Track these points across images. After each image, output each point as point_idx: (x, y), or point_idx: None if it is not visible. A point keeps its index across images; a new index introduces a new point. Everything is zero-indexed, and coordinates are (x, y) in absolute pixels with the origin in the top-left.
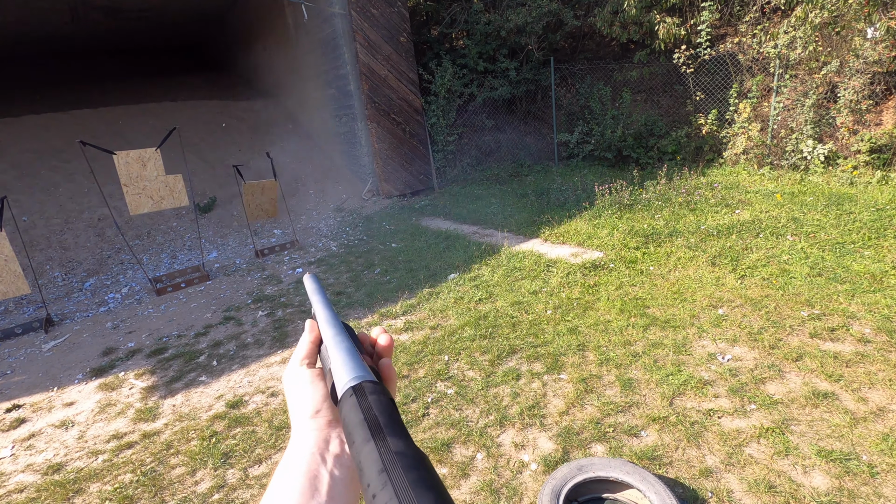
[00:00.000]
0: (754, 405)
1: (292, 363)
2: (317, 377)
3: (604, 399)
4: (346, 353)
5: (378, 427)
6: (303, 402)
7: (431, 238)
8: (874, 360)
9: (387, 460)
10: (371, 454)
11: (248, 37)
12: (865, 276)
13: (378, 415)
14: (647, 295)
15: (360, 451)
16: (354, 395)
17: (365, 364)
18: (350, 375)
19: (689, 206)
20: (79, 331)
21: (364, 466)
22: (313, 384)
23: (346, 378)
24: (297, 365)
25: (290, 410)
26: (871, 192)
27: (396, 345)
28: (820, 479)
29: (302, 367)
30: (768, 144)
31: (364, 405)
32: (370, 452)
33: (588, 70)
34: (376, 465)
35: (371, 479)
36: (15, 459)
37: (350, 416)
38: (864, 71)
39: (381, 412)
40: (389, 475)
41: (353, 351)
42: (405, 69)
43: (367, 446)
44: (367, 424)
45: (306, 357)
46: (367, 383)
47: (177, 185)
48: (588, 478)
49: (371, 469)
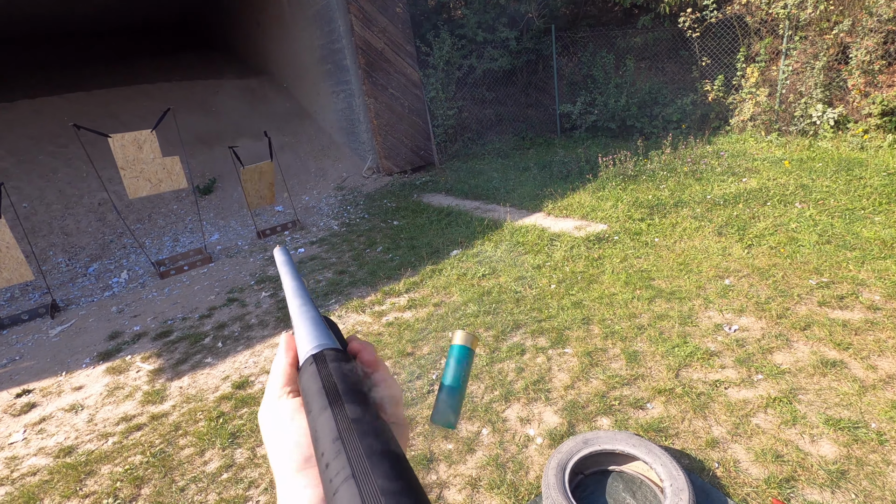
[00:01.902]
0: (761, 375)
1: (268, 396)
2: (300, 410)
3: (609, 372)
4: (310, 322)
5: (336, 394)
6: (286, 449)
7: (433, 214)
8: (884, 327)
9: (342, 428)
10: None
11: (242, 13)
12: (875, 243)
13: (337, 381)
14: (653, 267)
15: (317, 420)
16: (315, 364)
17: (330, 333)
18: (311, 344)
19: (695, 176)
20: (85, 316)
21: (319, 435)
22: (295, 421)
23: (308, 346)
24: (276, 399)
25: (271, 461)
26: (882, 157)
27: (401, 322)
28: (828, 447)
29: (281, 400)
30: (776, 110)
31: (324, 373)
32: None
33: (590, 37)
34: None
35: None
36: (27, 443)
37: (309, 385)
38: (878, 30)
39: (340, 379)
40: (344, 443)
41: (318, 320)
42: (402, 41)
43: (324, 414)
44: (325, 392)
45: (286, 385)
46: (328, 351)
47: (174, 167)
48: (594, 451)
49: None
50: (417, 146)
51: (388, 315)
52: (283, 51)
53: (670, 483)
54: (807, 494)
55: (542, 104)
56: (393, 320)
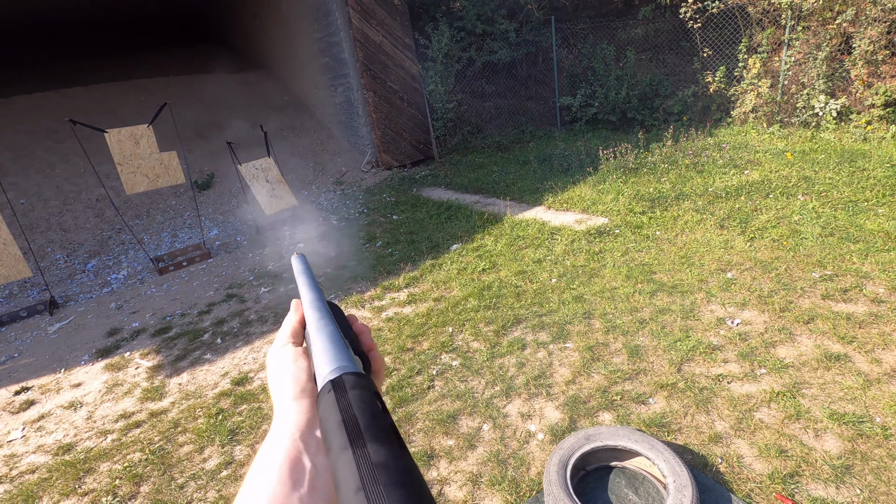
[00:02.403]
0: (764, 369)
1: (276, 343)
2: (301, 355)
3: (611, 367)
4: (327, 340)
5: (357, 430)
6: (285, 382)
7: (433, 209)
8: (888, 320)
9: (365, 475)
10: (347, 466)
11: (239, 6)
12: (879, 235)
13: (358, 414)
14: (654, 260)
15: (337, 462)
16: (333, 392)
17: (349, 352)
18: (330, 367)
19: (697, 168)
20: (83, 312)
21: (340, 482)
22: (297, 363)
23: (326, 369)
24: (282, 344)
25: (272, 392)
26: (885, 148)
27: (400, 318)
28: (832, 442)
29: (286, 346)
30: (778, 101)
31: (343, 403)
32: (346, 463)
33: (590, 29)
34: (353, 481)
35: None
36: (26, 441)
37: (327, 417)
38: (882, 19)
39: (361, 411)
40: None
41: (336, 337)
42: (401, 34)
43: (344, 456)
44: (344, 427)
45: (291, 336)
46: (347, 376)
47: (172, 163)
48: (596, 447)
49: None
50: (417, 140)
51: (388, 310)
52: (280, 44)
53: (673, 479)
54: (811, 490)
55: (542, 97)
56: (392, 315)
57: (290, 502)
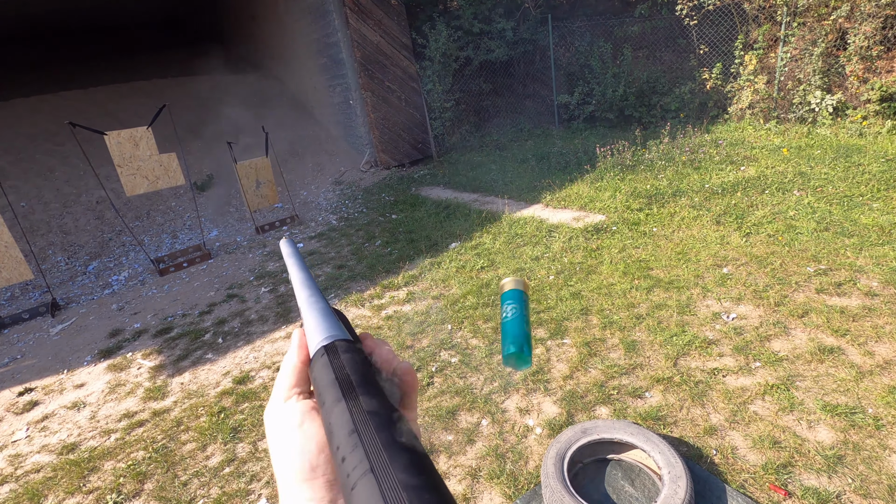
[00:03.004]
0: (759, 363)
1: (274, 398)
2: (310, 416)
3: (608, 362)
4: (319, 314)
5: (350, 386)
6: (291, 456)
7: (431, 208)
8: (881, 313)
9: (358, 420)
10: (342, 415)
11: (237, 7)
12: (874, 229)
13: (351, 373)
14: (651, 256)
15: (331, 413)
16: (326, 355)
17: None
18: (322, 335)
19: (693, 165)
20: (85, 314)
21: (334, 428)
22: (303, 427)
23: (319, 338)
24: (282, 399)
25: (275, 468)
26: (880, 143)
27: (400, 315)
28: (825, 433)
29: (289, 403)
30: (775, 97)
31: (336, 364)
32: (340, 413)
33: (587, 27)
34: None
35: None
36: (30, 441)
37: (321, 377)
38: (876, 15)
39: (353, 371)
40: (360, 436)
41: (328, 311)
42: (398, 34)
43: (338, 406)
44: (338, 384)
45: (295, 386)
46: (340, 342)
47: (171, 164)
48: (592, 440)
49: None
50: (415, 139)
51: (388, 308)
52: (278, 45)
53: (668, 470)
54: (804, 480)
55: (539, 95)
56: (392, 314)
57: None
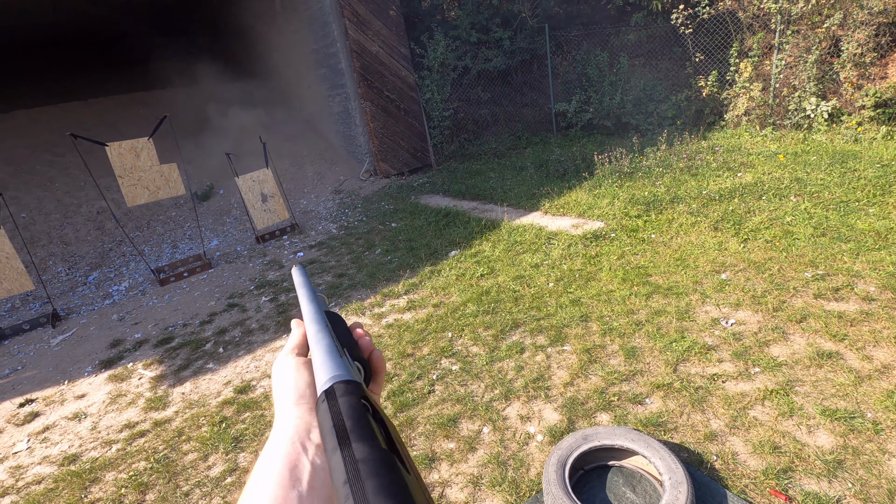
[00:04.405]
0: (758, 368)
1: (281, 353)
2: (303, 365)
3: (608, 369)
4: (323, 353)
5: (344, 433)
6: (286, 389)
7: (431, 216)
8: (879, 317)
9: (349, 470)
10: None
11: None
12: (870, 234)
13: (346, 419)
14: (650, 263)
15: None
16: (326, 401)
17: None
18: (325, 377)
19: (691, 172)
20: (85, 324)
21: (333, 477)
22: (298, 371)
23: (322, 380)
24: (285, 354)
25: (275, 398)
26: (875, 148)
27: (400, 324)
28: (825, 437)
29: (290, 356)
30: (770, 104)
31: (333, 410)
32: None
33: (584, 36)
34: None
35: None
36: (31, 452)
37: (323, 422)
38: (869, 22)
39: (348, 416)
40: (351, 486)
41: (331, 348)
42: (396, 44)
43: (335, 456)
44: (335, 432)
45: (296, 347)
46: (338, 384)
47: (172, 174)
48: (593, 446)
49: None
50: (414, 148)
51: (388, 317)
52: (278, 55)
53: (669, 476)
54: (804, 485)
55: (537, 103)
56: (392, 322)
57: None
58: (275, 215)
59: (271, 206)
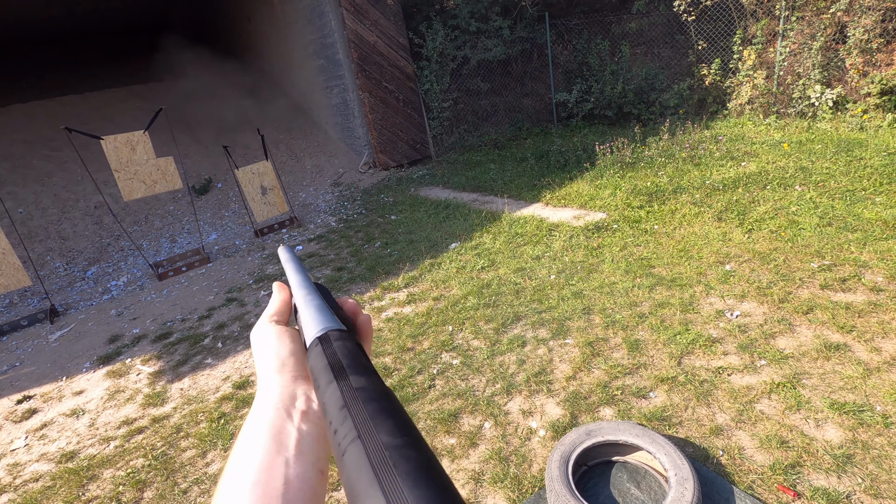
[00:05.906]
0: (764, 361)
1: (260, 321)
2: (284, 333)
3: (611, 362)
4: (314, 309)
5: (341, 368)
6: (268, 357)
7: (431, 208)
8: (887, 308)
9: (347, 396)
10: (333, 393)
11: (233, 9)
12: (877, 224)
13: (342, 358)
14: (653, 254)
15: (324, 394)
16: (320, 344)
17: (334, 315)
18: (317, 328)
19: (694, 161)
20: (84, 320)
21: (327, 407)
22: (279, 339)
23: (314, 331)
24: (266, 322)
25: (257, 367)
26: (881, 136)
27: (400, 318)
28: (833, 431)
29: (270, 324)
30: (774, 92)
31: (328, 351)
32: (332, 392)
33: (585, 24)
34: (337, 402)
35: (333, 416)
36: (29, 449)
37: (315, 363)
38: (876, 7)
39: (344, 355)
40: (349, 409)
41: (323, 306)
42: (394, 34)
43: (330, 387)
44: (330, 368)
45: (275, 314)
46: (332, 332)
47: (168, 168)
48: (597, 442)
49: (333, 406)
50: (413, 140)
51: (388, 310)
52: (275, 47)
53: (675, 472)
54: (813, 480)
55: (537, 93)
56: (392, 315)
57: (276, 465)
58: (274, 208)
59: (271, 199)
